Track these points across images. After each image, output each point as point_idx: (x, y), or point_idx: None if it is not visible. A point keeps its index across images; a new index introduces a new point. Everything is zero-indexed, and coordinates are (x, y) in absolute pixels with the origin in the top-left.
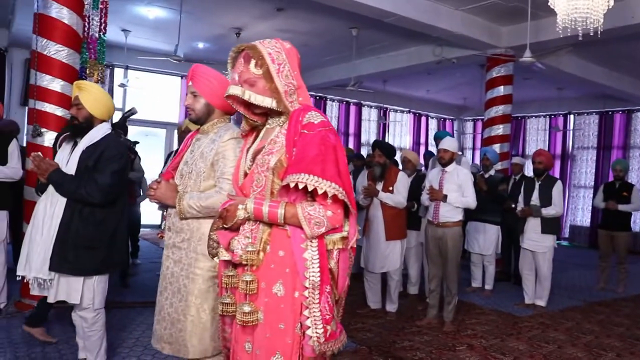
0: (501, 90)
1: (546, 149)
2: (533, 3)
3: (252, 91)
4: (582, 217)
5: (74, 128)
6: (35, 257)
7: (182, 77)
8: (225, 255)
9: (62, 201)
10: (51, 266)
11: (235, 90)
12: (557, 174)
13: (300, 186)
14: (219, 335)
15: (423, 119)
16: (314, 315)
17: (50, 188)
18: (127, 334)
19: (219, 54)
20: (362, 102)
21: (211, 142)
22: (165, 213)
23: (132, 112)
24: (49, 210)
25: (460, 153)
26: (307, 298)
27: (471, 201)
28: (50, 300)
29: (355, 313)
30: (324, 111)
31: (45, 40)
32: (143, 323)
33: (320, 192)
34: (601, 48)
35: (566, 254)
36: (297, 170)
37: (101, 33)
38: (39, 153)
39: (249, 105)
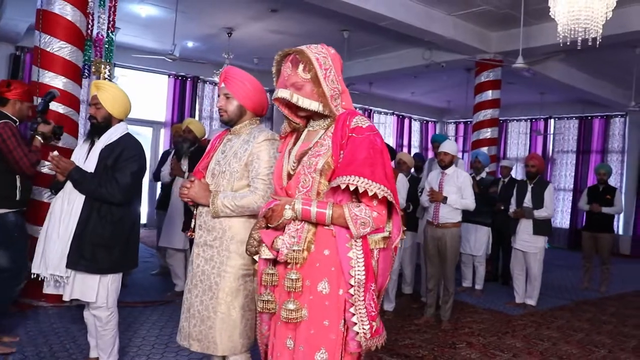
0: (489, 94)
1: (527, 152)
2: (525, 11)
3: (299, 94)
4: (562, 219)
5: (92, 127)
6: (52, 255)
7: (169, 75)
8: (267, 254)
9: (79, 199)
10: (68, 264)
11: (283, 93)
12: None
13: (352, 188)
14: (257, 333)
15: (406, 121)
16: (360, 313)
17: (67, 186)
18: (133, 333)
19: (209, 53)
20: None
21: (244, 142)
22: (196, 212)
23: (53, 94)
24: (67, 208)
25: (459, 156)
26: (353, 296)
27: (470, 203)
28: (66, 298)
29: None
30: None
31: (48, 36)
32: (147, 322)
33: (370, 194)
34: (585, 55)
35: (547, 255)
36: (346, 173)
37: (109, 31)
38: (56, 152)
39: (292, 108)
